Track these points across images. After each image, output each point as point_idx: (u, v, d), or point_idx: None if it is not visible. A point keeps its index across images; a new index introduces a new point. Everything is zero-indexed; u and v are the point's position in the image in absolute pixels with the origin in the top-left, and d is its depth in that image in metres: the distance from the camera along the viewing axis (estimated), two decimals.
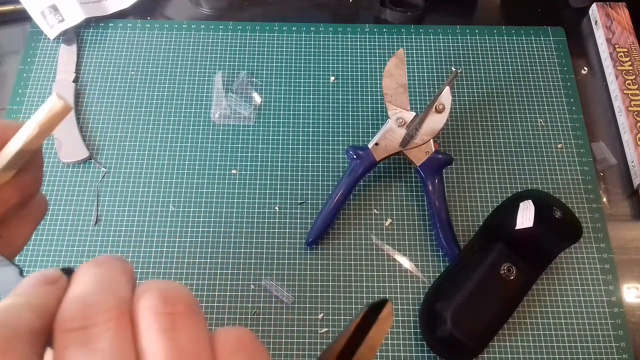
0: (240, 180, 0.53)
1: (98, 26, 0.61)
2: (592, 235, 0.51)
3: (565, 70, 0.60)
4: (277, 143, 0.55)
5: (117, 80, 0.58)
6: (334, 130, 0.56)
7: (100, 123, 0.56)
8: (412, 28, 0.62)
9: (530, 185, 0.53)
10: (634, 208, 0.53)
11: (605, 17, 0.62)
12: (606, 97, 0.59)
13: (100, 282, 0.17)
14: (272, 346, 0.46)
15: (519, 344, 0.47)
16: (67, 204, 0.52)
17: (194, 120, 0.56)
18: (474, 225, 0.52)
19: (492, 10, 0.65)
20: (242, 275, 0.49)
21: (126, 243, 0.50)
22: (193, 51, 0.60)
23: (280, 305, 0.48)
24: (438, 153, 0.50)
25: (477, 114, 0.57)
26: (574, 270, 0.50)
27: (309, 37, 0.61)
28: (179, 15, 0.63)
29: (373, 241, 0.51)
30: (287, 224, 0.51)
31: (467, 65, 0.60)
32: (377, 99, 0.57)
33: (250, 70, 0.59)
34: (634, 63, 0.58)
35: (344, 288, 0.49)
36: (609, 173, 0.55)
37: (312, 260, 0.50)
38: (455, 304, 0.45)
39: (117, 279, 0.17)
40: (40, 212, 0.28)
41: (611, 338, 0.47)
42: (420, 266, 0.50)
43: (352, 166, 0.50)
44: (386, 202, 0.52)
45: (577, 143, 0.56)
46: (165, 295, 0.17)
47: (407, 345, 0.47)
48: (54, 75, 0.58)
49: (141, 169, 0.54)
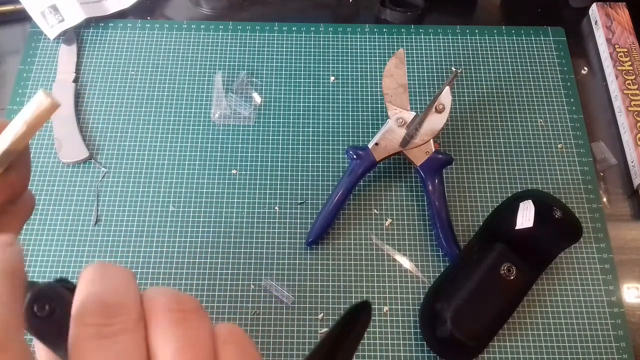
0: (240, 180, 0.53)
1: (98, 26, 0.61)
2: (592, 235, 0.51)
3: (565, 70, 0.60)
4: (277, 143, 0.55)
5: (117, 80, 0.58)
6: (334, 130, 0.56)
7: (100, 123, 0.56)
8: (412, 28, 0.62)
9: (530, 185, 0.53)
10: (634, 208, 0.53)
11: (605, 17, 0.62)
12: (606, 97, 0.59)
13: (116, 285, 0.18)
14: (272, 346, 0.46)
15: (519, 344, 0.47)
16: (67, 204, 0.52)
17: (194, 120, 0.56)
18: (474, 225, 0.52)
19: (492, 10, 0.65)
20: (242, 275, 0.49)
21: (126, 243, 0.50)
22: (193, 51, 0.60)
23: (280, 305, 0.48)
24: (438, 153, 0.50)
25: (477, 114, 0.57)
26: (574, 270, 0.50)
27: (309, 37, 0.61)
28: (179, 15, 0.63)
29: (373, 241, 0.51)
30: (287, 224, 0.51)
31: (467, 65, 0.60)
32: (377, 99, 0.57)
33: (250, 70, 0.59)
34: (634, 63, 0.58)
35: (344, 288, 0.49)
36: (609, 173, 0.55)
37: (312, 260, 0.50)
38: (455, 304, 0.45)
39: (130, 284, 0.19)
40: (28, 210, 0.29)
41: (611, 338, 0.47)
42: (420, 266, 0.50)
43: (352, 166, 0.50)
44: (386, 202, 0.52)
45: (577, 143, 0.56)
46: (177, 296, 0.19)
47: (407, 345, 0.46)
48: (54, 75, 0.58)
49: (141, 169, 0.54)
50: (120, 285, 0.18)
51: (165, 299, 0.19)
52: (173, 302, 0.18)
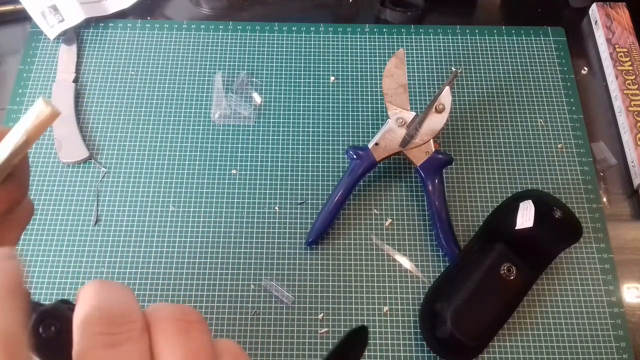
0: (240, 180, 0.53)
1: (98, 26, 0.61)
2: (592, 235, 0.51)
3: (565, 70, 0.60)
4: (277, 143, 0.55)
5: (117, 80, 0.58)
6: (334, 130, 0.56)
7: (100, 123, 0.56)
8: (412, 28, 0.62)
9: (530, 185, 0.53)
10: (634, 208, 0.53)
11: (605, 17, 0.62)
12: (606, 97, 0.59)
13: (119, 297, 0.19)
14: (272, 346, 0.46)
15: (519, 344, 0.47)
16: (67, 204, 0.52)
17: (194, 120, 0.56)
18: (474, 225, 0.52)
19: (492, 10, 0.65)
20: (242, 275, 0.49)
21: (126, 243, 0.50)
22: (193, 51, 0.60)
23: (280, 305, 0.48)
24: (438, 153, 0.50)
25: (477, 114, 0.57)
26: (574, 270, 0.50)
27: (309, 37, 0.61)
28: (179, 15, 0.63)
29: (373, 241, 0.51)
30: (287, 224, 0.51)
31: (467, 65, 0.60)
32: (377, 99, 0.57)
33: (250, 70, 0.59)
34: (634, 63, 0.58)
35: (344, 288, 0.49)
36: (609, 173, 0.55)
37: (312, 260, 0.50)
38: (455, 304, 0.45)
39: (131, 297, 0.19)
40: (26, 217, 0.29)
41: (611, 338, 0.47)
42: (420, 266, 0.50)
43: (352, 166, 0.50)
44: (386, 202, 0.52)
45: (577, 143, 0.56)
46: (182, 308, 0.19)
47: (407, 345, 0.46)
48: (54, 75, 0.58)
49: (141, 169, 0.54)
50: (123, 297, 0.19)
51: (169, 309, 0.19)
52: (177, 312, 0.19)
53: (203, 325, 0.19)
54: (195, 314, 0.19)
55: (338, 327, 0.47)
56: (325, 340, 0.47)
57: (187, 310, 0.19)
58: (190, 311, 0.19)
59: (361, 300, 0.48)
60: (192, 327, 0.19)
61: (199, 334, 0.19)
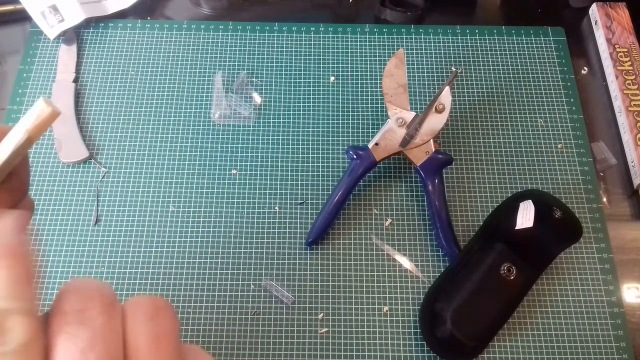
0: (240, 180, 0.53)
1: (98, 26, 0.61)
2: (592, 235, 0.51)
3: (565, 70, 0.60)
4: (277, 143, 0.55)
5: (117, 80, 0.58)
6: (334, 130, 0.56)
7: (100, 123, 0.56)
8: (412, 28, 0.62)
9: (530, 185, 0.53)
10: (634, 208, 0.53)
11: (605, 17, 0.62)
12: (606, 97, 0.59)
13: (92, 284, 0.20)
14: (272, 346, 0.46)
15: (519, 344, 0.47)
16: (67, 204, 0.52)
17: (194, 120, 0.56)
18: (474, 225, 0.52)
19: (492, 10, 0.65)
20: (242, 275, 0.49)
21: (126, 243, 0.50)
22: (193, 51, 0.60)
23: (280, 305, 0.48)
24: (438, 153, 0.50)
25: (477, 114, 0.57)
26: (574, 270, 0.50)
27: (309, 37, 0.61)
28: (179, 15, 0.63)
29: (373, 241, 0.51)
30: (287, 224, 0.51)
31: (467, 65, 0.60)
32: (377, 99, 0.57)
33: (250, 70, 0.59)
34: (634, 63, 0.58)
35: (344, 288, 0.49)
36: (609, 173, 0.55)
37: (312, 260, 0.50)
38: (455, 304, 0.45)
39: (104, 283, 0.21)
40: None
41: (611, 338, 0.47)
42: (420, 266, 0.50)
43: (352, 166, 0.50)
44: (386, 202, 0.52)
45: (577, 143, 0.56)
46: (152, 297, 0.21)
47: (407, 345, 0.47)
48: (54, 75, 0.58)
49: (141, 169, 0.54)
50: (95, 281, 0.20)
51: (142, 297, 0.21)
52: (149, 299, 0.20)
53: (169, 311, 0.21)
54: (164, 302, 0.21)
55: (338, 327, 0.47)
56: (325, 340, 0.47)
57: (157, 300, 0.21)
58: (161, 301, 0.21)
59: (361, 300, 0.48)
60: (160, 312, 0.20)
61: (165, 317, 0.20)
